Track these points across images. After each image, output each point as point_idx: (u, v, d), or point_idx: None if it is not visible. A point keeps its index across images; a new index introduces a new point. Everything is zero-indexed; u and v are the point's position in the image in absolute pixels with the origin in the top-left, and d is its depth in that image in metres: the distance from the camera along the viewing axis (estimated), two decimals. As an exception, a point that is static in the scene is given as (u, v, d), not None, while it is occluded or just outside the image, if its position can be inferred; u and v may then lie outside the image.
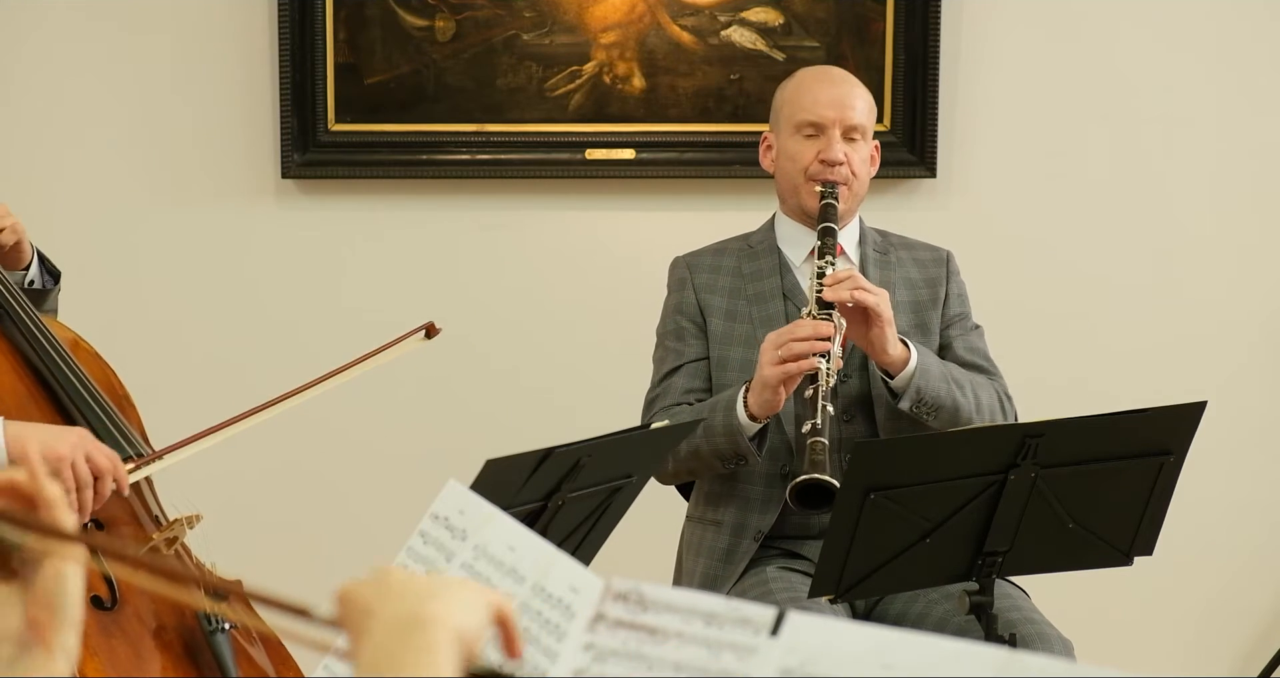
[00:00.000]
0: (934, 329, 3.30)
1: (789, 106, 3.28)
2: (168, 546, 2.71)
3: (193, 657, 2.63)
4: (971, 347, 3.32)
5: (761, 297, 3.28)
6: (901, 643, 1.43)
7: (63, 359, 2.74)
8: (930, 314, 3.30)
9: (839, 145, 3.22)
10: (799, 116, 3.25)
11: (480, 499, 1.80)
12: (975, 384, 3.20)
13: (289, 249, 4.21)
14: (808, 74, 3.35)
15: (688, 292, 3.32)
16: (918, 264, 3.35)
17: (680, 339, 3.30)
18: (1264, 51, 4.22)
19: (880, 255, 3.33)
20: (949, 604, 3.09)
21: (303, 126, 4.11)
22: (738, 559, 3.21)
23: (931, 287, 3.32)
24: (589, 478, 2.68)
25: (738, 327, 3.27)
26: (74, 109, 4.16)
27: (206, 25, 4.13)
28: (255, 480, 4.18)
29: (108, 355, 2.94)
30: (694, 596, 1.52)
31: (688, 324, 3.30)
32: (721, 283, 3.31)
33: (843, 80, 3.31)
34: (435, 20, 4.10)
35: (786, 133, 3.28)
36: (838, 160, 3.22)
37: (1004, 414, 3.23)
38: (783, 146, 3.29)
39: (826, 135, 3.23)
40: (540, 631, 1.61)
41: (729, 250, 3.36)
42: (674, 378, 3.27)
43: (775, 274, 3.30)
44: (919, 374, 3.10)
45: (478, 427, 4.20)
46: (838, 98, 3.25)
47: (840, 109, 3.23)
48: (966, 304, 3.36)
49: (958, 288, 3.35)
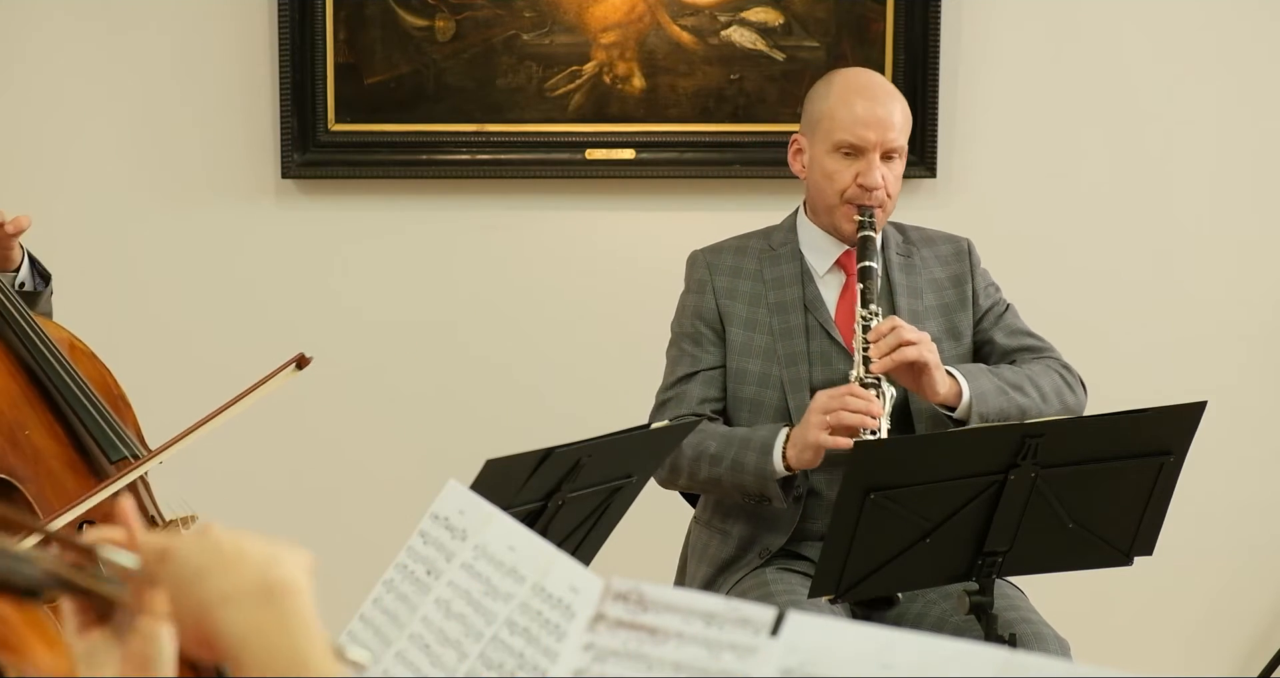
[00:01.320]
0: (965, 331, 3.26)
1: (828, 121, 3.17)
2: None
3: (193, 657, 2.62)
4: (1011, 330, 3.28)
5: (783, 307, 3.22)
6: (901, 643, 1.42)
7: (57, 360, 2.74)
8: (960, 316, 3.26)
9: (878, 169, 3.14)
10: (838, 135, 3.15)
11: (480, 499, 1.80)
12: (1031, 376, 3.16)
13: (289, 249, 4.21)
14: (849, 85, 3.21)
15: (708, 296, 3.26)
16: (940, 262, 3.30)
17: (698, 344, 3.25)
18: (1264, 51, 4.22)
19: (904, 259, 3.27)
20: (947, 604, 3.09)
21: (303, 127, 4.11)
22: (739, 569, 3.20)
23: (958, 285, 3.28)
24: (589, 478, 2.67)
25: (757, 337, 3.22)
26: (74, 109, 4.16)
27: (206, 25, 4.13)
28: (253, 481, 4.18)
29: (106, 355, 2.93)
30: (694, 596, 1.52)
31: (706, 330, 3.25)
32: (742, 288, 3.25)
33: (885, 96, 3.19)
34: (435, 20, 4.10)
35: (822, 147, 3.18)
36: (878, 186, 3.14)
37: (1070, 388, 3.20)
38: (817, 160, 3.19)
39: (866, 159, 3.14)
40: (540, 631, 1.61)
41: (750, 250, 3.29)
42: (689, 385, 3.22)
43: (797, 283, 3.23)
44: (976, 402, 3.06)
45: (478, 427, 4.19)
46: (881, 118, 3.14)
47: (882, 130, 3.14)
48: (994, 292, 3.32)
49: (983, 279, 3.31)
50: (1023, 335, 3.29)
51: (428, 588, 1.77)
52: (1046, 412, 3.13)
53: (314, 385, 4.18)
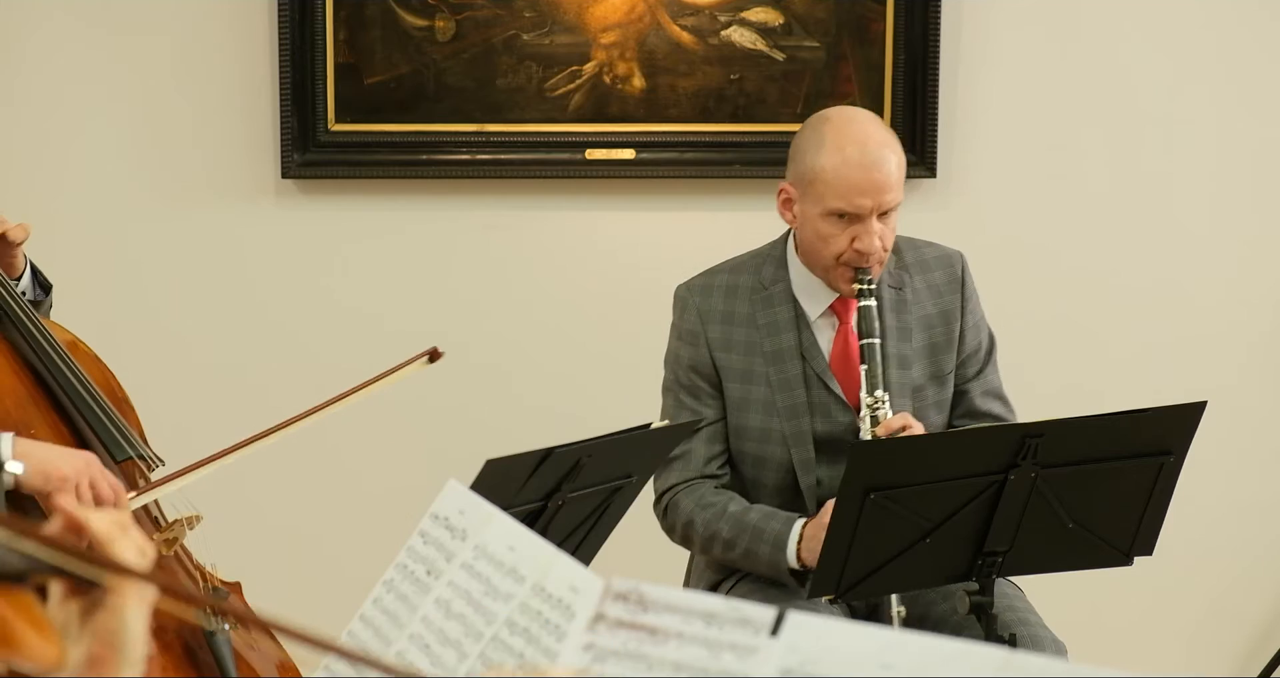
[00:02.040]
0: (948, 373, 3.20)
1: (820, 184, 3.03)
2: (168, 546, 2.71)
3: (192, 658, 2.63)
4: (986, 391, 3.23)
5: (779, 356, 3.15)
6: (901, 643, 1.43)
7: (62, 360, 2.74)
8: (945, 357, 3.19)
9: (875, 233, 3.03)
10: (832, 203, 3.03)
11: (480, 499, 1.80)
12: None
13: (289, 249, 4.21)
14: (841, 142, 3.05)
15: (701, 348, 3.18)
16: (932, 293, 3.21)
17: (696, 398, 3.18)
18: (1264, 52, 4.22)
19: (895, 293, 3.18)
20: (946, 605, 3.09)
21: (303, 127, 4.10)
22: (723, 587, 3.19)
23: (946, 322, 3.20)
24: (589, 478, 2.68)
25: (755, 390, 3.15)
26: (74, 110, 4.15)
27: (206, 26, 4.12)
28: (255, 481, 4.18)
29: (106, 356, 2.93)
30: (694, 596, 1.53)
31: (703, 384, 3.18)
32: (737, 338, 3.17)
33: (879, 160, 3.03)
34: (435, 20, 4.09)
35: (815, 209, 3.05)
36: (876, 250, 3.04)
37: None
38: (810, 219, 3.07)
39: (863, 223, 3.03)
40: (540, 630, 1.62)
41: (741, 291, 3.19)
42: (693, 443, 3.15)
43: (792, 329, 3.16)
44: None
45: (477, 427, 4.19)
46: (877, 182, 3.02)
47: (878, 196, 3.02)
48: (980, 329, 3.24)
49: (972, 316, 3.23)
50: (994, 400, 3.24)
51: (428, 588, 1.78)
52: None
53: (313, 385, 4.18)
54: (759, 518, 3.08)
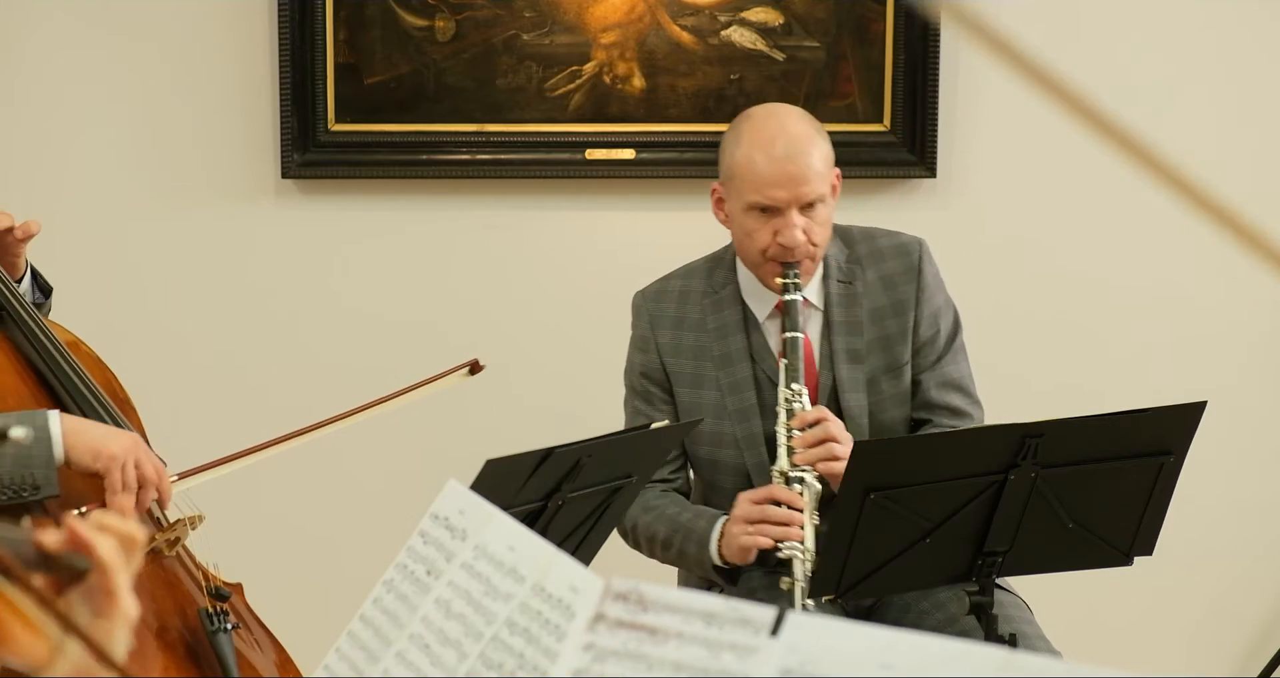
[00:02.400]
0: (904, 368, 3.16)
1: (739, 180, 3.05)
2: (170, 546, 2.71)
3: (195, 657, 2.63)
4: (944, 380, 3.17)
5: (728, 358, 3.15)
6: (901, 643, 1.43)
7: (65, 360, 2.74)
8: (899, 349, 3.15)
9: (797, 226, 3.01)
10: (750, 197, 3.03)
11: (480, 499, 1.80)
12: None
13: (289, 249, 4.21)
14: (756, 137, 3.05)
15: (651, 353, 3.20)
16: (885, 285, 3.17)
17: (649, 404, 3.21)
18: (1264, 52, 4.21)
19: (844, 287, 3.16)
20: (941, 615, 3.08)
21: (303, 127, 4.10)
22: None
23: (899, 314, 3.16)
24: (589, 478, 2.67)
25: (705, 394, 3.16)
26: (74, 110, 4.15)
27: (206, 26, 4.12)
28: (256, 482, 4.16)
29: (107, 357, 2.93)
30: (694, 596, 1.52)
31: (654, 389, 3.20)
32: (686, 342, 3.18)
33: (796, 152, 3.02)
34: (435, 20, 4.09)
35: (737, 205, 3.06)
36: (798, 243, 3.01)
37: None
38: (735, 216, 3.08)
39: (784, 216, 3.01)
40: (540, 630, 1.61)
41: (692, 295, 3.20)
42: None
43: (740, 331, 3.16)
44: None
45: (477, 427, 4.19)
46: (791, 176, 3.00)
47: (794, 188, 3.00)
48: (938, 319, 3.18)
49: (929, 306, 3.17)
50: (951, 391, 3.17)
51: (428, 588, 1.77)
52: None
53: (313, 386, 4.18)
54: (690, 518, 3.11)
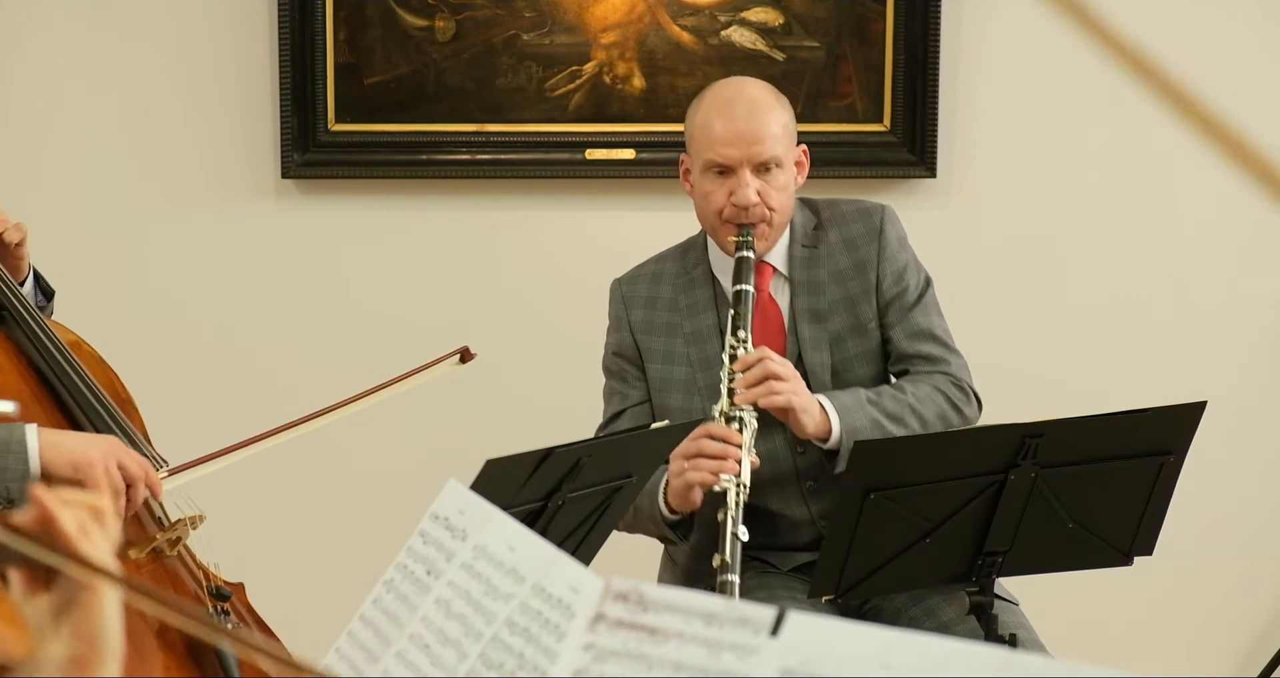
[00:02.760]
0: (869, 326, 3.15)
1: (697, 142, 3.10)
2: (171, 546, 2.71)
3: (195, 657, 2.63)
4: (914, 330, 3.15)
5: (699, 335, 3.17)
6: (901, 643, 1.42)
7: (66, 360, 2.74)
8: (864, 308, 3.15)
9: (750, 186, 3.04)
10: (704, 155, 3.07)
11: (480, 499, 1.80)
12: (916, 402, 3.06)
13: (289, 249, 4.20)
14: (715, 101, 3.11)
15: (624, 332, 3.23)
16: (847, 246, 3.17)
17: (623, 380, 3.23)
18: (1264, 53, 4.21)
19: (808, 252, 3.17)
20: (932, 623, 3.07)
21: (303, 127, 4.10)
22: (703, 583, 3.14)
23: (861, 273, 3.15)
24: (589, 478, 2.67)
25: (676, 370, 3.17)
26: (74, 111, 4.15)
27: (206, 26, 4.12)
28: (255, 481, 4.17)
29: (109, 357, 2.93)
30: (694, 596, 1.52)
31: (628, 366, 3.22)
32: (659, 320, 3.20)
33: (750, 110, 3.06)
34: (435, 20, 4.09)
35: (697, 167, 3.10)
36: (750, 203, 3.03)
37: (956, 409, 3.10)
38: (696, 180, 3.12)
39: (737, 175, 3.04)
40: (540, 630, 1.61)
41: (665, 276, 3.23)
42: (619, 422, 3.20)
43: (711, 308, 3.17)
44: (846, 438, 2.99)
45: (477, 427, 4.19)
46: (742, 134, 3.04)
47: (746, 146, 3.03)
48: (904, 277, 3.17)
49: (891, 265, 3.16)
50: (923, 339, 3.16)
51: (428, 588, 1.77)
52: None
53: (315, 385, 4.18)
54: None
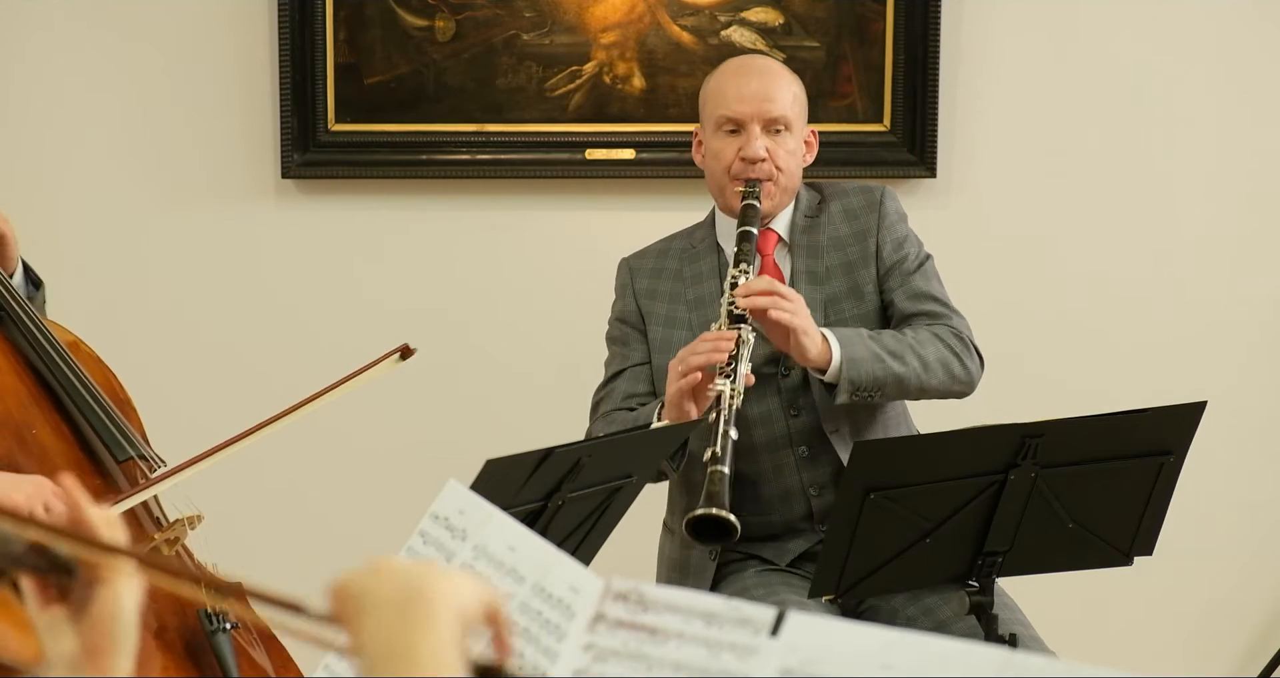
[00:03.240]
0: (867, 291, 3.19)
1: (710, 103, 3.21)
2: (169, 546, 2.70)
3: (194, 657, 2.62)
4: (914, 293, 3.19)
5: (701, 301, 3.22)
6: (901, 643, 1.43)
7: (64, 361, 2.73)
8: (862, 273, 3.19)
9: (759, 141, 3.13)
10: (718, 112, 3.17)
11: (480, 499, 1.80)
12: (917, 343, 3.09)
13: (289, 250, 4.20)
14: (728, 67, 3.26)
15: (629, 298, 3.28)
16: (847, 216, 3.23)
17: (624, 344, 3.27)
18: (1264, 52, 4.21)
19: (810, 220, 3.23)
20: (941, 614, 3.08)
21: (303, 127, 4.10)
22: (691, 571, 3.18)
23: (861, 241, 3.21)
24: (589, 478, 2.66)
25: (677, 333, 3.20)
26: (73, 110, 4.15)
27: (206, 26, 4.12)
28: (255, 481, 4.17)
29: (108, 358, 2.92)
30: (694, 596, 1.52)
31: (630, 330, 3.26)
32: (663, 288, 3.26)
33: (763, 72, 3.21)
34: (435, 20, 4.09)
35: (710, 129, 3.20)
36: (758, 157, 3.13)
37: (958, 358, 3.11)
38: (708, 144, 3.21)
39: (746, 131, 3.14)
40: (540, 631, 1.61)
41: (672, 251, 3.30)
42: (617, 382, 3.24)
43: (715, 276, 3.23)
44: (847, 366, 3.00)
45: (478, 427, 4.18)
46: (755, 91, 3.15)
47: (757, 103, 3.14)
48: (904, 246, 3.22)
49: (890, 233, 3.22)
50: (924, 300, 3.19)
51: (428, 588, 1.76)
52: (927, 381, 3.07)
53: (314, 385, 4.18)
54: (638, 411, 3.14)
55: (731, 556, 3.18)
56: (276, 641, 2.82)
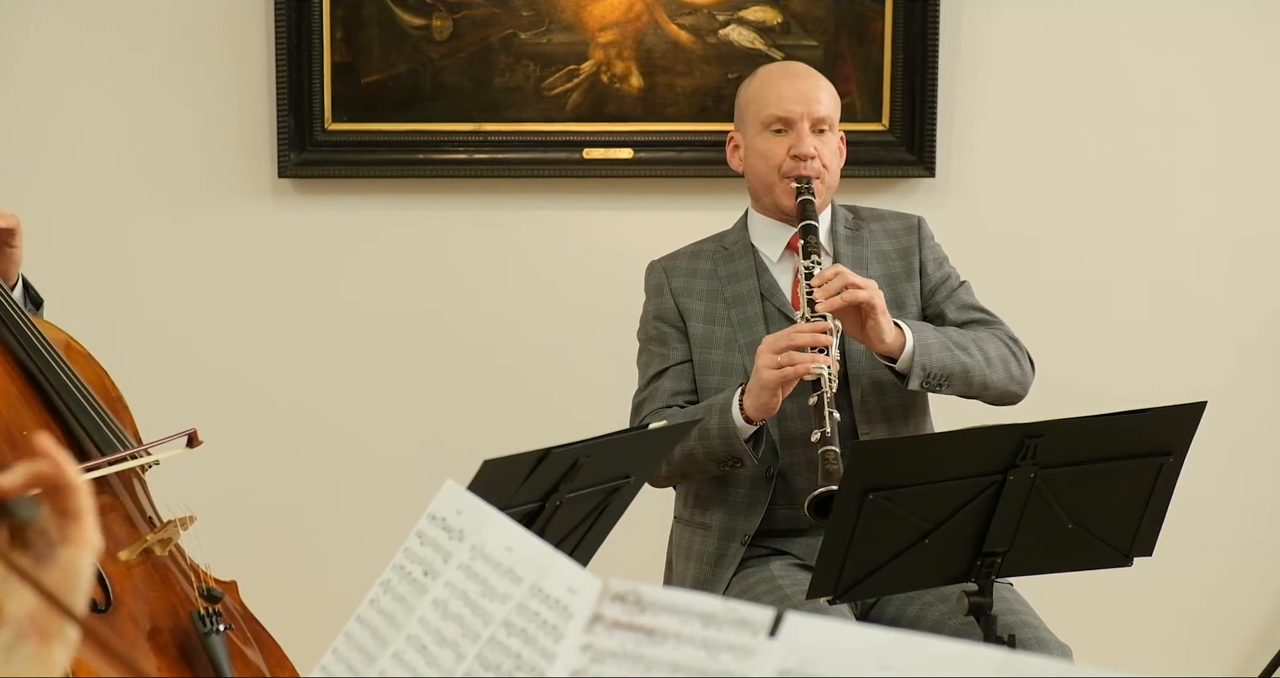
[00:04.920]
0: (909, 303, 3.28)
1: (755, 104, 3.28)
2: (162, 546, 2.70)
3: (188, 659, 2.61)
4: (962, 305, 3.31)
5: (740, 298, 3.27)
6: (900, 644, 1.41)
7: (55, 361, 2.72)
8: (905, 287, 3.29)
9: (809, 139, 3.22)
10: (766, 112, 3.25)
11: (477, 500, 1.78)
12: (978, 340, 3.19)
13: (285, 249, 4.20)
14: (771, 71, 3.35)
15: (665, 297, 3.31)
16: (889, 235, 3.34)
17: (664, 343, 3.29)
18: (1262, 51, 4.21)
19: (852, 232, 3.32)
20: (945, 607, 3.08)
21: (299, 126, 4.10)
22: (727, 563, 3.20)
23: (904, 257, 3.31)
24: (587, 478, 2.66)
25: (717, 329, 3.26)
26: (70, 109, 4.14)
27: (203, 25, 4.11)
28: (250, 481, 4.17)
29: (102, 356, 2.92)
30: (692, 596, 1.51)
31: (669, 329, 3.29)
32: (699, 286, 3.31)
33: (806, 74, 3.31)
34: (432, 19, 4.08)
35: (754, 130, 3.27)
36: (809, 154, 3.22)
37: (1016, 358, 3.22)
38: (752, 145, 3.28)
39: (796, 130, 3.23)
40: (537, 632, 1.60)
41: (704, 253, 3.35)
42: (661, 381, 3.26)
43: (752, 275, 3.29)
44: (919, 352, 3.09)
45: (475, 427, 4.18)
46: (803, 92, 3.25)
47: (807, 103, 3.24)
48: (945, 266, 3.35)
49: (933, 253, 3.34)
50: (973, 310, 3.31)
51: (425, 589, 1.75)
52: (990, 377, 3.16)
53: (312, 385, 4.17)
54: (709, 400, 3.16)
55: (760, 550, 3.20)
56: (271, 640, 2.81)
